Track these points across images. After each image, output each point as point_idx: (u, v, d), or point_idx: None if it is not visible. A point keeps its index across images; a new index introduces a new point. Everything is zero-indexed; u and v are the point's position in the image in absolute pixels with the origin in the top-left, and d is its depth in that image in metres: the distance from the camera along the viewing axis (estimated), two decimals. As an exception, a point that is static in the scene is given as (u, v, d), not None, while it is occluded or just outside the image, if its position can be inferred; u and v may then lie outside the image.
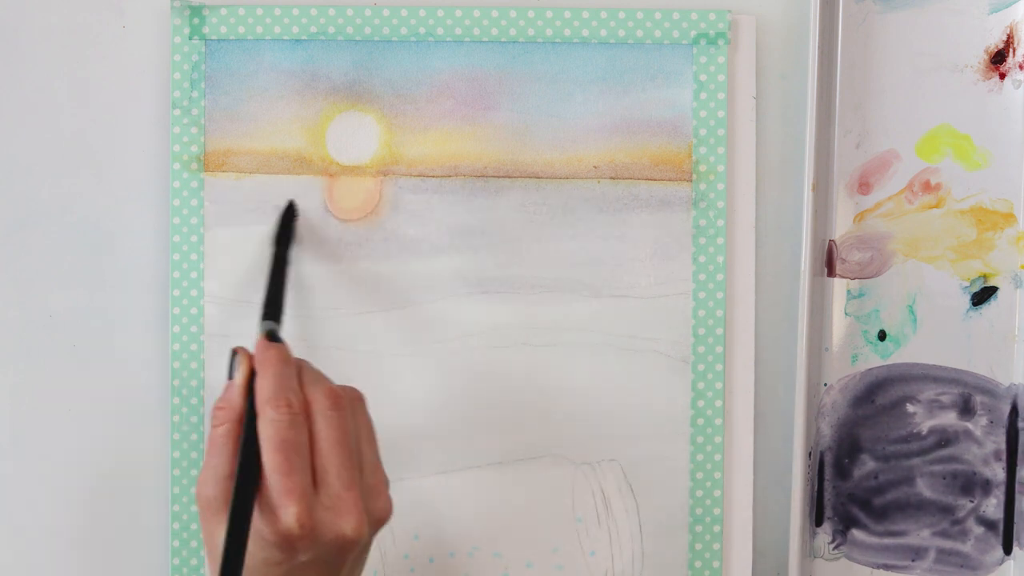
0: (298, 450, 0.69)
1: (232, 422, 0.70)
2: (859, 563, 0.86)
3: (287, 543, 0.68)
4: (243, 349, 0.73)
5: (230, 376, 0.72)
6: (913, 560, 0.86)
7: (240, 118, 0.84)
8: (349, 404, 0.72)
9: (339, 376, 0.84)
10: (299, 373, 0.72)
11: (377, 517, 0.71)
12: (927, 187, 0.85)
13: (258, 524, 0.68)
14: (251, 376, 0.71)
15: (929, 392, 0.85)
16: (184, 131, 0.84)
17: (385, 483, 0.72)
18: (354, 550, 0.69)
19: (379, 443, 0.73)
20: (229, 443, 0.70)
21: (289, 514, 0.67)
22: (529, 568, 0.84)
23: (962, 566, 0.85)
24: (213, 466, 0.70)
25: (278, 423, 0.69)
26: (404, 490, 0.84)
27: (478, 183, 0.84)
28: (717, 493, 0.84)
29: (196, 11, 0.83)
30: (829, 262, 0.85)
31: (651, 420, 0.84)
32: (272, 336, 0.75)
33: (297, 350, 0.84)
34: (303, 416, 0.70)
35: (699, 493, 0.84)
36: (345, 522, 0.69)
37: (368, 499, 0.71)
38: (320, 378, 0.73)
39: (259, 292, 0.82)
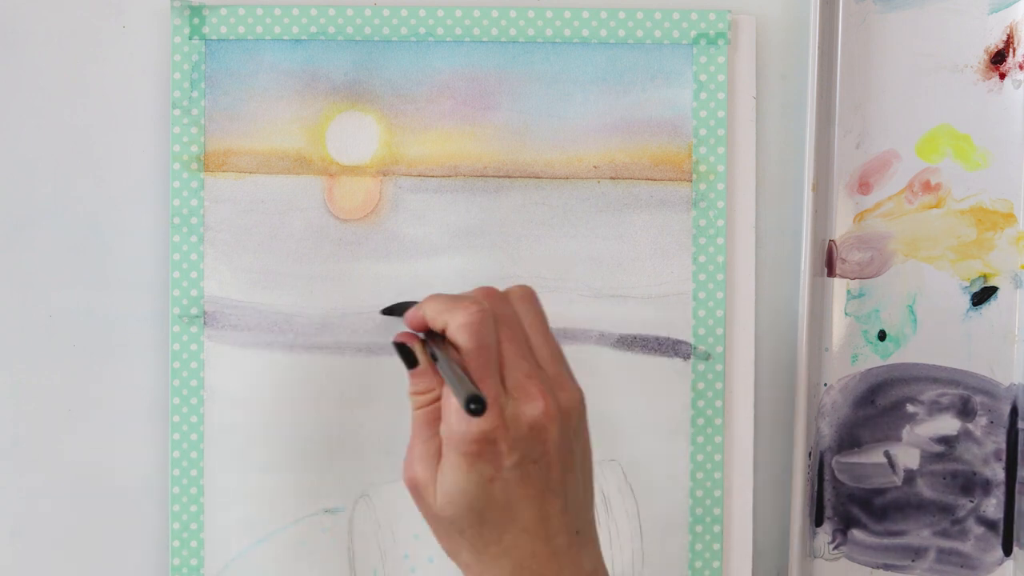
0: (490, 352, 0.68)
1: (432, 402, 0.70)
2: (859, 563, 0.86)
3: (489, 447, 0.67)
4: (404, 336, 0.73)
5: (410, 366, 0.72)
6: (913, 560, 0.86)
7: (240, 118, 0.84)
8: (513, 301, 0.71)
9: (339, 376, 0.84)
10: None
11: (565, 406, 0.70)
12: (927, 187, 0.85)
13: (456, 441, 0.67)
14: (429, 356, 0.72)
15: (929, 392, 0.85)
16: (184, 131, 0.84)
17: (568, 373, 0.71)
18: (549, 437, 0.68)
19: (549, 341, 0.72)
20: (433, 423, 0.70)
21: (490, 415, 0.67)
22: (529, 568, 0.84)
23: (962, 566, 0.85)
24: (419, 448, 0.70)
25: (466, 327, 0.68)
26: (404, 490, 0.84)
27: (478, 183, 0.84)
28: (717, 493, 0.84)
29: (196, 11, 0.83)
30: (829, 262, 0.85)
31: (651, 420, 0.84)
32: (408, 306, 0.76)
33: (295, 350, 0.84)
34: (490, 315, 0.69)
35: (699, 493, 0.84)
36: (531, 406, 0.68)
37: (552, 390, 0.69)
38: (466, 294, 0.72)
39: (259, 292, 0.82)
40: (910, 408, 0.85)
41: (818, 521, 0.86)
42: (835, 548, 0.86)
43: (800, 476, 0.83)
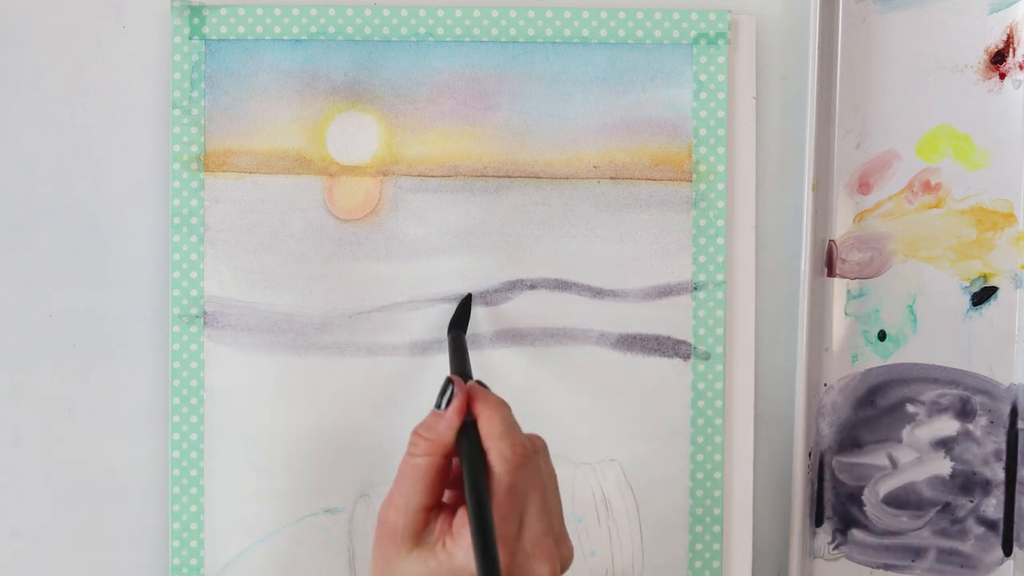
0: (520, 498, 0.68)
1: (437, 455, 0.68)
2: (859, 563, 0.86)
3: None
4: (458, 379, 0.71)
5: (438, 406, 0.70)
6: (913, 560, 0.86)
7: (240, 118, 0.84)
8: (538, 452, 0.71)
9: (339, 376, 0.84)
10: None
11: (564, 563, 0.70)
12: (927, 187, 0.85)
13: (459, 568, 0.67)
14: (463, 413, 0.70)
15: (929, 392, 0.85)
16: (184, 131, 0.84)
17: (565, 529, 0.71)
18: None
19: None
20: (429, 475, 0.68)
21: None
22: (529, 568, 0.84)
23: (962, 566, 0.86)
24: (406, 494, 0.68)
25: (511, 463, 0.68)
26: (404, 490, 0.84)
27: (478, 183, 0.84)
28: (717, 493, 0.84)
29: (196, 11, 0.83)
30: (829, 262, 0.85)
31: (651, 420, 0.84)
32: (481, 384, 0.73)
33: (295, 350, 0.84)
34: (534, 464, 0.69)
35: (699, 493, 0.84)
36: (543, 567, 0.68)
37: (558, 544, 0.69)
38: (516, 427, 0.71)
39: (259, 292, 0.82)
40: (910, 408, 0.85)
41: (818, 521, 0.86)
42: (835, 548, 0.86)
43: (800, 476, 0.83)
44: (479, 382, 0.73)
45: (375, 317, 0.84)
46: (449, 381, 0.71)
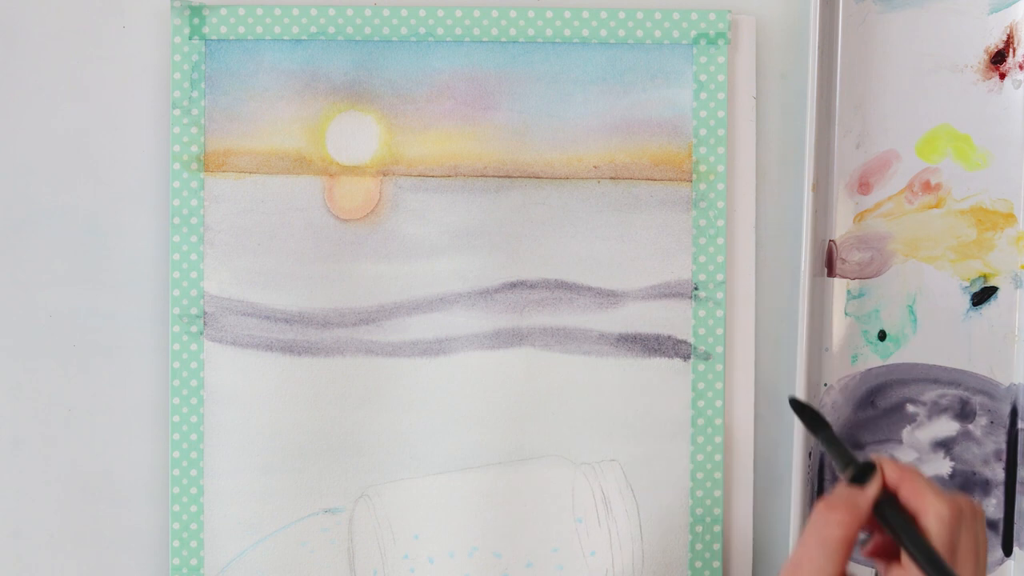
0: (952, 556, 0.69)
1: (853, 528, 0.69)
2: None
3: None
4: (876, 457, 0.71)
5: (852, 480, 0.70)
6: (913, 560, 0.85)
7: (240, 118, 0.84)
8: (980, 520, 0.71)
9: (339, 376, 0.84)
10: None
11: None
12: (927, 187, 0.85)
13: None
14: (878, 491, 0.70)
15: (929, 393, 0.85)
16: (184, 131, 0.84)
17: None
18: None
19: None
20: (845, 546, 0.69)
21: None
22: (529, 568, 0.84)
23: (962, 566, 0.85)
24: (821, 567, 0.68)
25: (946, 521, 0.68)
26: (404, 490, 0.84)
27: (478, 183, 0.84)
28: (717, 493, 0.84)
29: (196, 11, 0.83)
30: (829, 262, 0.85)
31: (651, 420, 0.84)
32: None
33: (295, 350, 0.84)
34: (962, 522, 0.70)
35: (699, 493, 0.84)
36: None
37: None
38: (948, 492, 0.71)
39: (259, 292, 0.82)
40: (910, 408, 0.85)
41: (818, 521, 0.85)
42: (835, 548, 0.86)
43: (800, 476, 0.83)
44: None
45: (375, 317, 0.84)
46: (871, 463, 0.70)
